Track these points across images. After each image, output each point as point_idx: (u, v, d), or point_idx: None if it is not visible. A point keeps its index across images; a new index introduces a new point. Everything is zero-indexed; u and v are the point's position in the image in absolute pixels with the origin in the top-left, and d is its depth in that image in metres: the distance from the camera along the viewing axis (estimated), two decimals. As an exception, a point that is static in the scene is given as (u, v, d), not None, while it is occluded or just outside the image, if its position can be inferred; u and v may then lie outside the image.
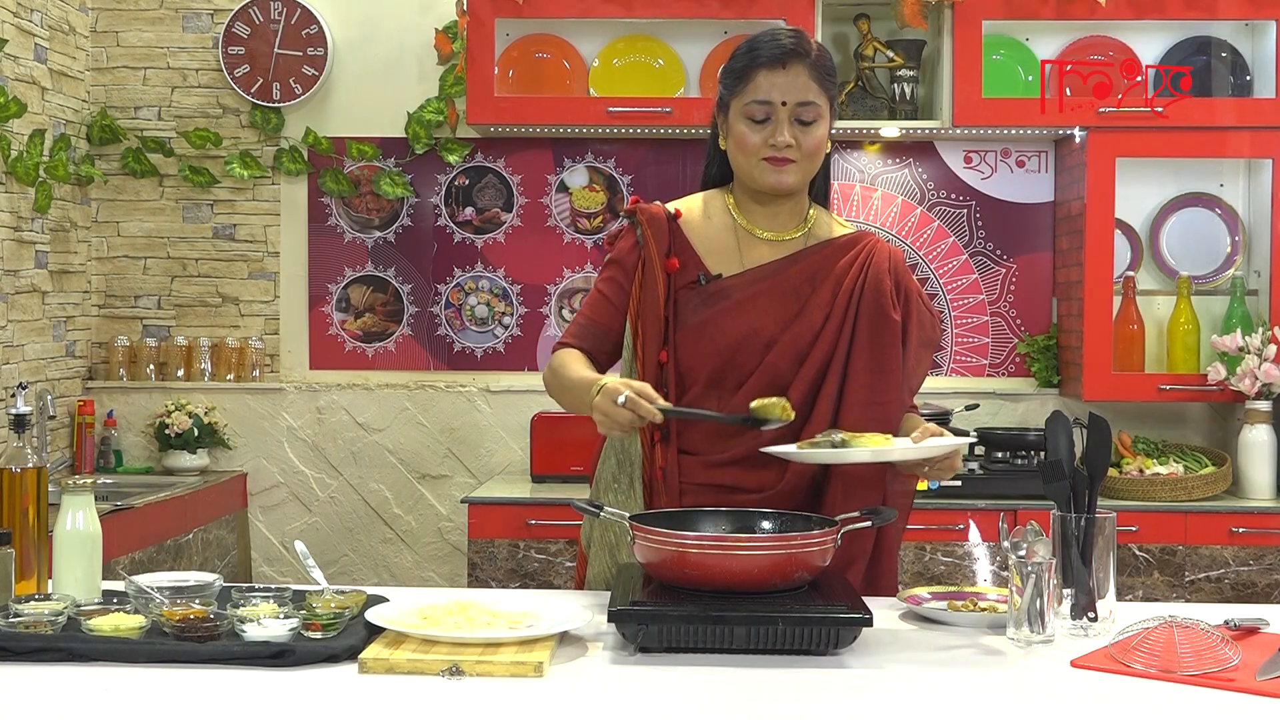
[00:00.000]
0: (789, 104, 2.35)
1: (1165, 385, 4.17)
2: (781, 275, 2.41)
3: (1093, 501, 2.13)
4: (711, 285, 2.40)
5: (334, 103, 4.60)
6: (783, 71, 2.35)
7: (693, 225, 2.46)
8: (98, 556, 2.19)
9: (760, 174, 2.38)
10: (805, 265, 2.41)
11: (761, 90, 2.35)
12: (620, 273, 2.46)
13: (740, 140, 2.38)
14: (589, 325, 2.48)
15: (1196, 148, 4.21)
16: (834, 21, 4.41)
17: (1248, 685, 1.79)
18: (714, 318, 2.38)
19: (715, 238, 2.44)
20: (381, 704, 1.71)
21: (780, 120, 2.35)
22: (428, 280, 4.61)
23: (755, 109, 2.36)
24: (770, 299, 2.39)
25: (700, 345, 2.39)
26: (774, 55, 2.35)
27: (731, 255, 2.43)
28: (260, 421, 4.60)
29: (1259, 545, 3.92)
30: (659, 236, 2.43)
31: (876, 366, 2.37)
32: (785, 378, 2.36)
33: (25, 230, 4.20)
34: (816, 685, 1.81)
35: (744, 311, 2.38)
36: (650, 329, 2.40)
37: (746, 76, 2.37)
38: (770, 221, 2.44)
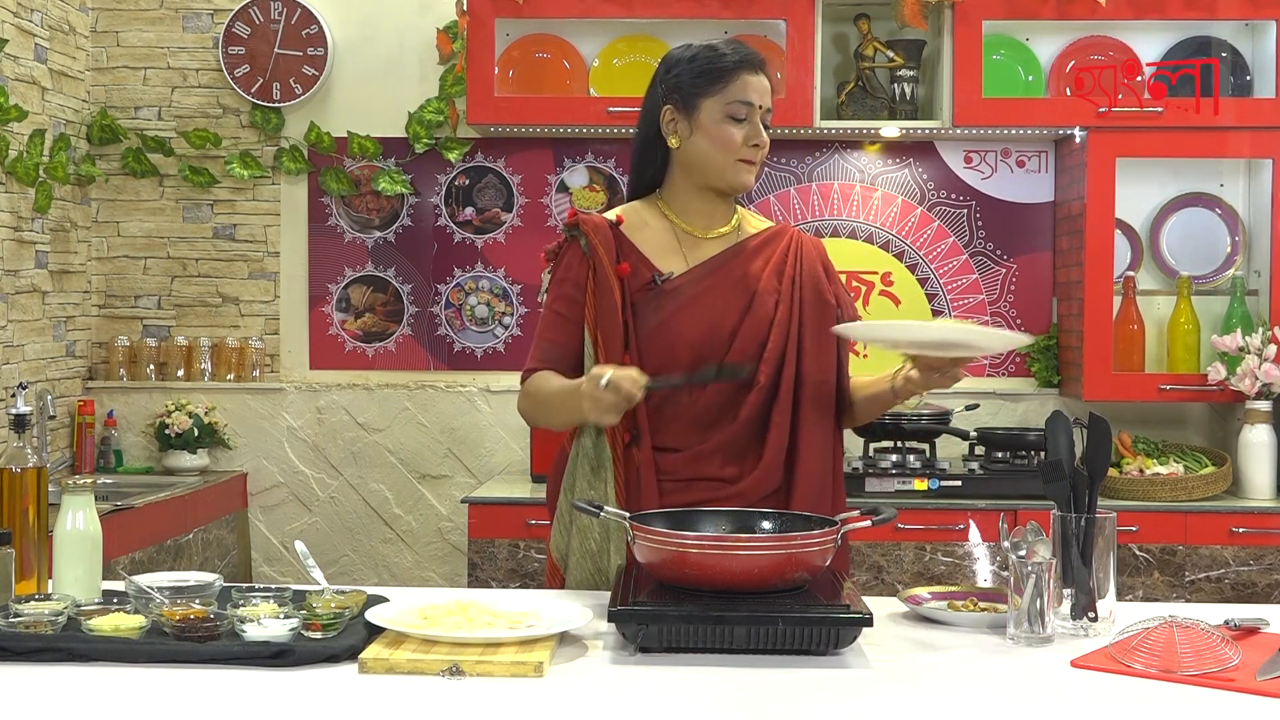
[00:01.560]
0: (762, 107, 2.46)
1: (1165, 385, 4.17)
2: (728, 267, 2.49)
3: (1093, 501, 2.13)
4: (667, 284, 2.45)
5: (334, 103, 4.60)
6: (757, 75, 2.47)
7: (634, 230, 2.51)
8: (98, 556, 2.19)
9: (734, 174, 2.46)
10: (748, 255, 2.51)
11: (743, 91, 2.44)
12: (571, 288, 2.49)
13: (723, 138, 2.44)
14: (550, 346, 2.51)
15: (1196, 148, 4.21)
16: (834, 21, 4.41)
17: (1248, 685, 1.79)
18: (674, 316, 2.44)
19: (657, 240, 2.50)
20: (381, 704, 1.71)
21: (756, 121, 2.46)
22: (428, 280, 4.61)
23: (738, 108, 2.44)
24: (723, 291, 2.47)
25: (666, 345, 2.43)
26: (752, 60, 2.46)
27: (675, 255, 2.49)
28: (260, 421, 4.60)
29: (1259, 545, 3.92)
30: (606, 244, 2.47)
31: (821, 347, 2.49)
32: (751, 362, 2.45)
33: (25, 230, 4.20)
34: (816, 685, 1.81)
35: (702, 306, 2.45)
36: (610, 335, 2.43)
37: (729, 77, 2.44)
38: (707, 221, 2.53)
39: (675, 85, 2.49)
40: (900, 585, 3.86)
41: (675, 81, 2.49)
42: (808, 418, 2.46)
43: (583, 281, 2.47)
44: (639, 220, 2.53)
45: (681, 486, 2.41)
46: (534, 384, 2.50)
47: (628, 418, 2.38)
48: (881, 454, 4.16)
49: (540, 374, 2.50)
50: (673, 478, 2.42)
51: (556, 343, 2.50)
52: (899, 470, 4.07)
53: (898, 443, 4.15)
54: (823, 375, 2.49)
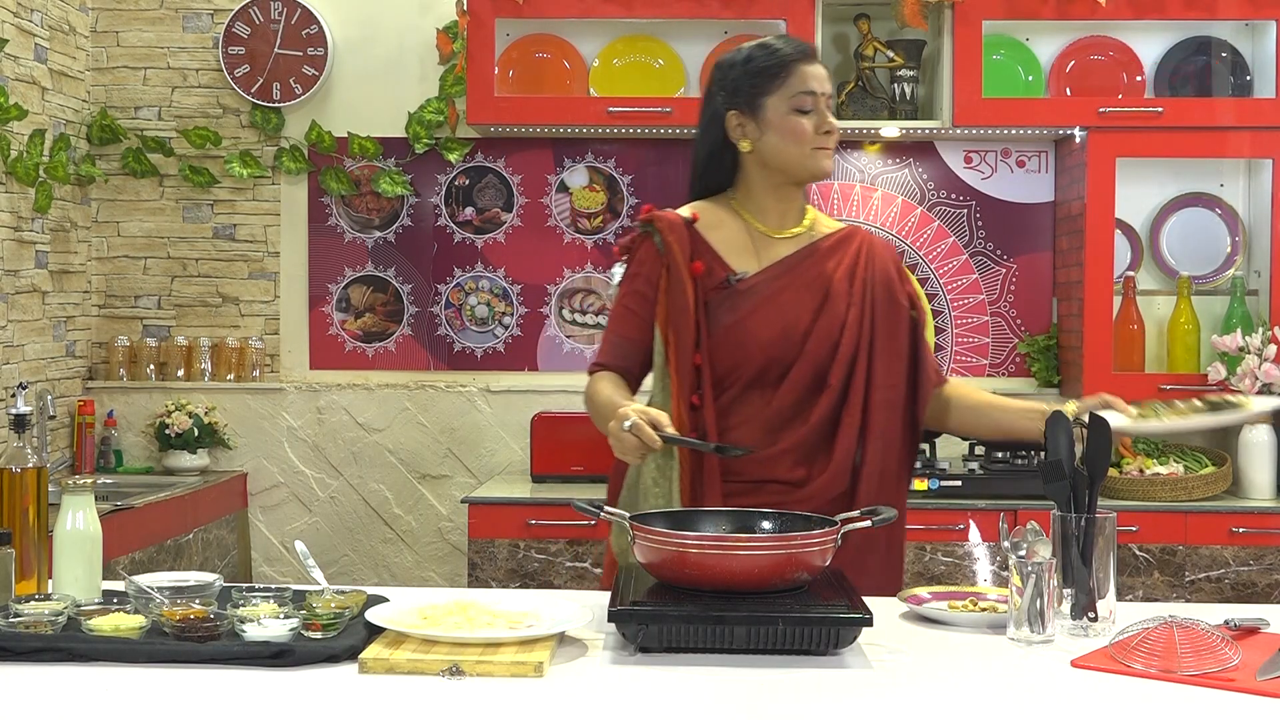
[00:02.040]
0: (825, 95, 2.48)
1: (1165, 385, 4.17)
2: (802, 267, 2.49)
3: (1093, 501, 2.12)
4: (741, 284, 2.45)
5: (334, 103, 4.60)
6: (814, 65, 2.49)
7: (709, 229, 2.51)
8: (98, 556, 2.19)
9: (814, 162, 2.48)
10: (821, 256, 2.51)
11: (805, 82, 2.47)
12: (644, 284, 2.49)
13: (795, 131, 2.46)
14: (620, 342, 2.51)
15: (1196, 148, 4.21)
16: (834, 21, 4.41)
17: (1248, 685, 1.79)
18: (747, 316, 2.44)
19: (731, 240, 2.50)
20: (381, 704, 1.71)
21: (823, 109, 2.48)
22: (428, 280, 4.61)
23: (804, 99, 2.47)
24: (797, 291, 2.47)
25: (738, 346, 2.43)
26: (804, 51, 2.49)
27: (749, 254, 2.50)
28: (260, 421, 4.60)
29: (1259, 545, 3.92)
30: (681, 242, 2.47)
31: (893, 351, 2.49)
32: (824, 364, 2.45)
33: (25, 230, 4.20)
34: (816, 685, 1.81)
35: (776, 306, 2.45)
36: (682, 334, 2.43)
37: (788, 71, 2.47)
38: (780, 220, 2.53)
39: (735, 89, 2.49)
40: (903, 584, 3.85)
41: (734, 86, 2.49)
42: (876, 420, 2.45)
43: (655, 278, 2.47)
44: (713, 219, 2.52)
45: (749, 488, 2.42)
46: (592, 386, 2.48)
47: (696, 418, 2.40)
48: (881, 454, 4.15)
49: (600, 376, 2.48)
50: (740, 479, 2.42)
51: (627, 339, 2.50)
52: (899, 470, 4.06)
53: (898, 443, 4.15)
54: (893, 379, 2.48)
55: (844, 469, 2.43)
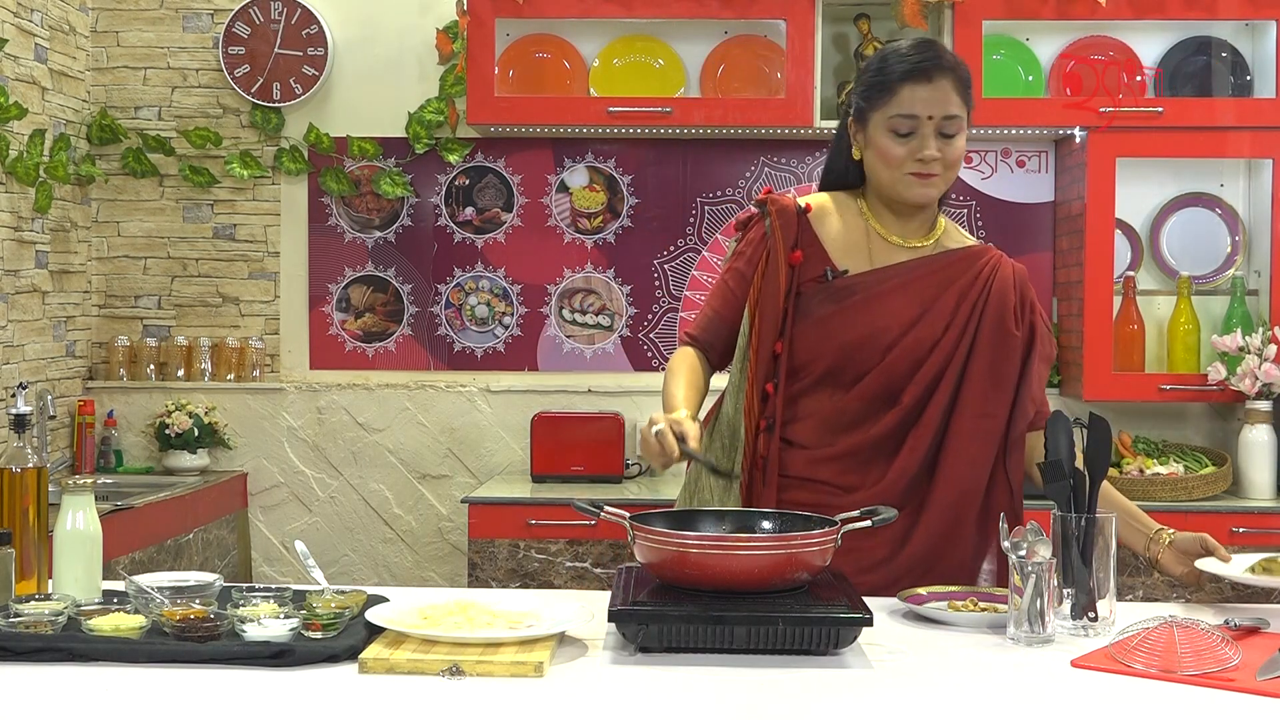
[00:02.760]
0: (935, 118, 2.37)
1: (1165, 385, 4.17)
2: (909, 278, 2.44)
3: (1093, 501, 2.13)
4: (839, 281, 2.43)
5: (334, 103, 4.60)
6: (927, 85, 2.36)
7: (823, 221, 2.48)
8: (98, 556, 2.19)
9: (905, 187, 2.41)
10: (933, 271, 2.45)
11: (905, 104, 2.37)
12: (744, 263, 2.49)
13: (885, 153, 2.40)
14: (712, 317, 2.52)
15: (1196, 148, 4.21)
16: (834, 21, 4.41)
17: (1248, 685, 1.79)
18: (839, 313, 2.41)
19: (846, 236, 2.47)
20: (381, 704, 1.71)
21: (925, 134, 2.37)
22: (428, 280, 4.61)
23: (900, 122, 2.38)
24: (896, 300, 2.42)
25: (821, 340, 2.41)
26: (918, 68, 2.37)
27: (861, 254, 2.46)
28: (260, 421, 4.60)
29: (1259, 545, 3.92)
30: (787, 229, 2.45)
31: (993, 379, 2.40)
32: (901, 380, 2.40)
33: (25, 230, 4.20)
34: (816, 685, 1.81)
35: (869, 310, 2.41)
36: (767, 320, 2.42)
37: (890, 89, 2.38)
38: (903, 229, 2.48)
39: (856, 95, 2.46)
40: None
41: (858, 91, 2.46)
42: (958, 446, 2.39)
43: (757, 260, 2.47)
44: (833, 212, 2.49)
45: (798, 484, 2.41)
46: (673, 363, 2.49)
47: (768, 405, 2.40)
48: (881, 454, 4.15)
49: (682, 351, 2.51)
50: (792, 474, 2.42)
51: (718, 314, 2.51)
52: (899, 470, 4.06)
53: (898, 443, 4.14)
54: (989, 409, 2.39)
55: (897, 487, 2.38)
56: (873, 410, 2.41)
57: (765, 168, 4.54)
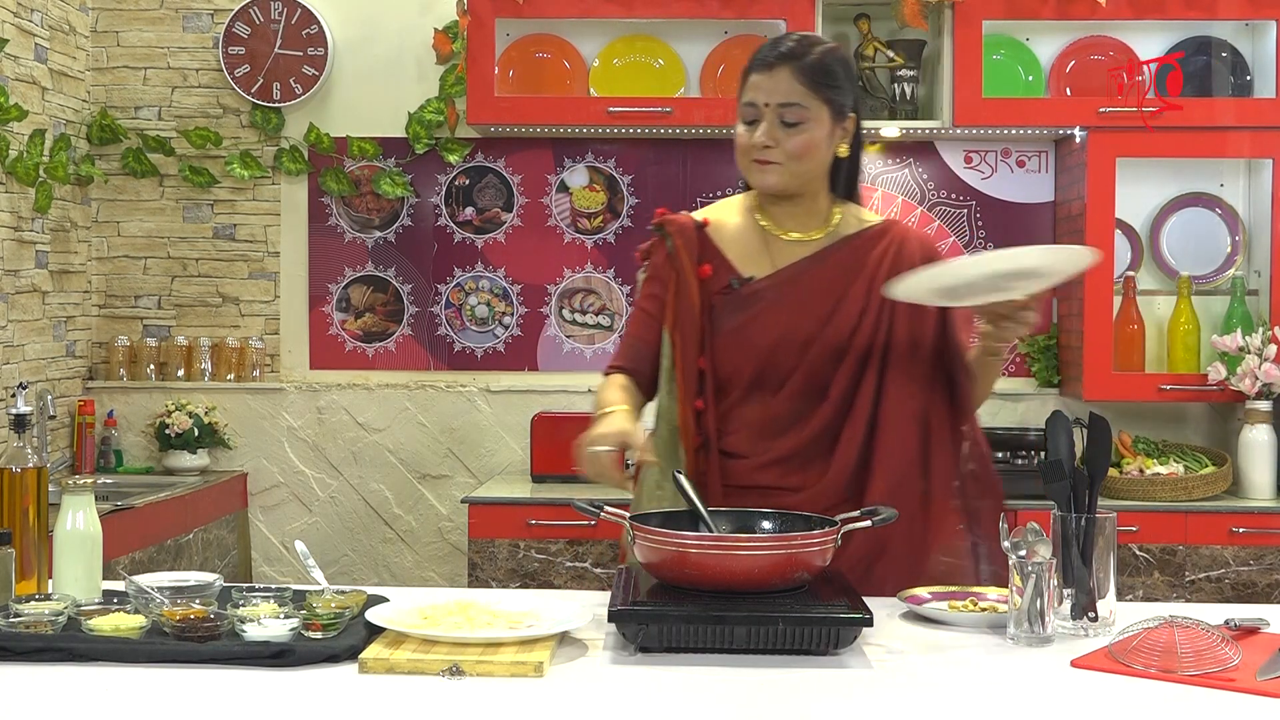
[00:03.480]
0: (772, 105, 2.38)
1: (1165, 385, 4.17)
2: (812, 273, 2.44)
3: (1093, 501, 2.12)
4: (745, 288, 2.43)
5: (334, 103, 4.60)
6: (768, 73, 2.38)
7: (721, 231, 2.49)
8: (98, 556, 2.19)
9: (749, 173, 2.44)
10: (835, 262, 2.45)
11: (749, 92, 2.41)
12: (657, 286, 2.50)
13: (736, 141, 2.43)
14: (634, 342, 2.52)
15: (1196, 148, 4.21)
16: (834, 21, 4.41)
17: (1248, 685, 1.79)
18: (749, 321, 2.42)
19: (743, 242, 2.48)
20: (381, 704, 1.71)
21: (765, 121, 2.38)
22: (428, 280, 4.61)
23: (745, 110, 2.41)
24: (804, 298, 2.42)
25: (738, 349, 2.42)
26: (764, 59, 2.40)
27: (761, 258, 2.46)
28: (260, 421, 4.61)
29: (1259, 545, 3.92)
30: (689, 245, 2.46)
31: (913, 355, 2.41)
32: (825, 375, 2.40)
33: (25, 230, 4.20)
34: (816, 685, 1.81)
35: (779, 312, 2.42)
36: (688, 337, 2.43)
37: (744, 79, 2.43)
38: (794, 222, 2.47)
39: None
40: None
41: None
42: (889, 430, 2.39)
43: (667, 281, 2.47)
44: (729, 220, 2.51)
45: (741, 492, 2.41)
46: (600, 390, 2.48)
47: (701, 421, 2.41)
48: (881, 454, 4.15)
49: (610, 379, 2.49)
50: (737, 483, 2.42)
51: (640, 339, 2.50)
52: (899, 470, 4.06)
53: (898, 443, 4.15)
54: (913, 387, 2.40)
55: (839, 483, 2.39)
56: (803, 409, 2.41)
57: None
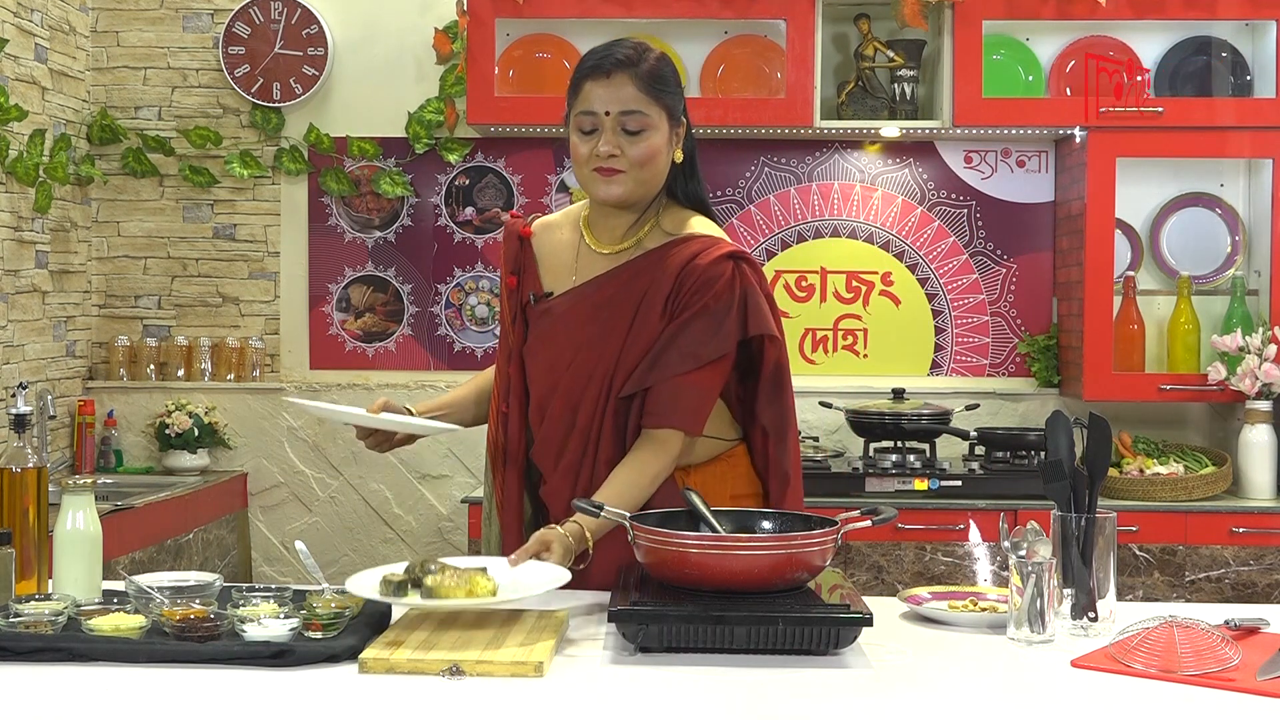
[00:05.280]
0: (612, 113, 2.31)
1: (1165, 385, 4.17)
2: (593, 294, 2.39)
3: (1093, 501, 2.12)
4: (540, 304, 2.44)
5: (334, 102, 4.60)
6: (606, 81, 2.31)
7: (542, 243, 2.49)
8: (98, 556, 2.19)
9: (591, 185, 2.36)
10: (617, 280, 2.37)
11: (585, 101, 2.33)
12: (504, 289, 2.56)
13: (572, 151, 2.37)
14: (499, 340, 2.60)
15: (1196, 148, 4.21)
16: (834, 21, 4.41)
17: (1248, 685, 1.79)
18: (535, 339, 2.44)
19: (557, 255, 2.46)
20: (381, 704, 1.71)
21: (605, 130, 2.32)
22: (428, 280, 4.61)
23: (583, 120, 2.34)
24: (576, 321, 2.39)
25: (532, 364, 2.45)
26: (598, 66, 2.33)
27: (567, 272, 2.44)
28: (260, 421, 4.60)
29: (1259, 545, 3.92)
30: (509, 254, 2.49)
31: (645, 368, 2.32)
32: (576, 398, 2.37)
33: (25, 230, 4.20)
34: (816, 685, 1.81)
35: (555, 333, 2.41)
36: (502, 343, 2.50)
37: (576, 88, 2.36)
38: (610, 235, 2.42)
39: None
40: (900, 585, 3.85)
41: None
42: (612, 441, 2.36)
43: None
44: (555, 231, 2.50)
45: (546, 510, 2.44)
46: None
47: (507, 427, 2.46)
48: (881, 454, 4.16)
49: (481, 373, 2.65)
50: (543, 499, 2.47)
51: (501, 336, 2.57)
52: (899, 470, 4.07)
53: (898, 443, 4.15)
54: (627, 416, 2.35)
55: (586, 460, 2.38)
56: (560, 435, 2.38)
57: (765, 168, 4.54)
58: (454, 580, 1.94)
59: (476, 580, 1.94)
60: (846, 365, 4.55)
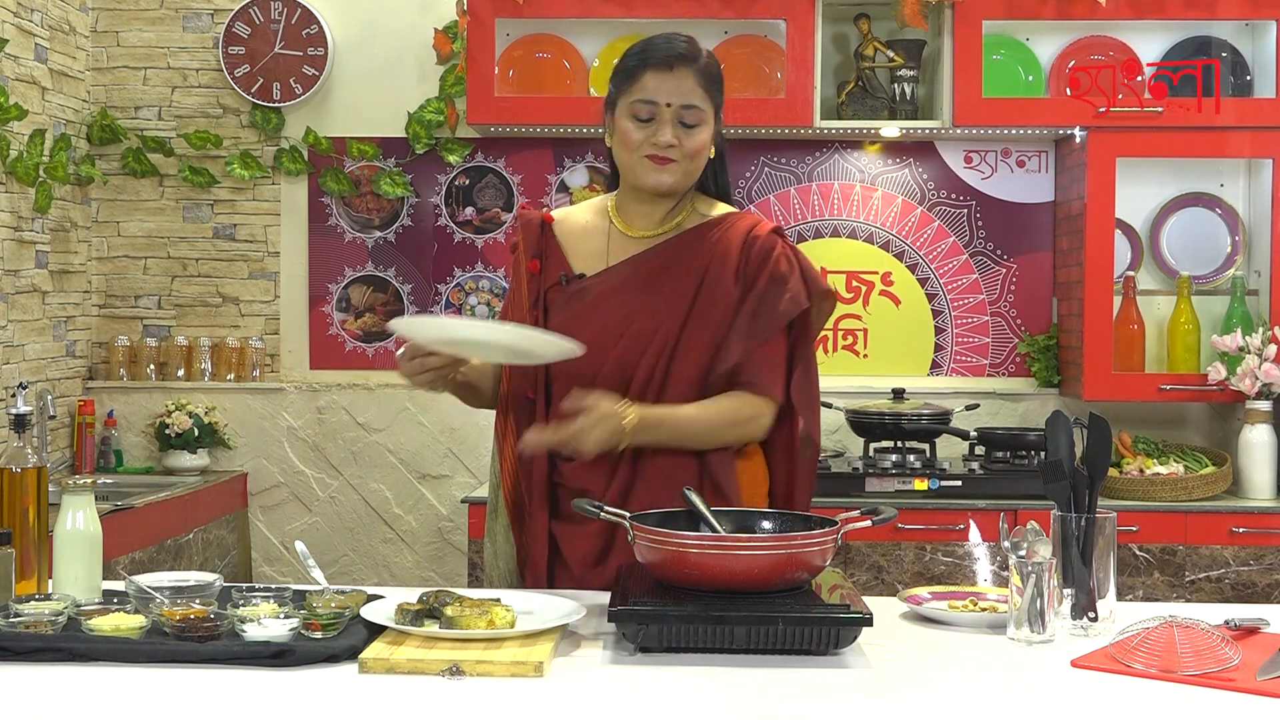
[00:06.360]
0: (673, 105, 2.39)
1: (1165, 385, 4.17)
2: (635, 271, 2.45)
3: (1093, 501, 2.13)
4: (573, 286, 2.46)
5: (334, 103, 4.60)
6: (670, 74, 2.39)
7: (567, 229, 2.52)
8: (98, 556, 2.19)
9: (642, 171, 2.42)
10: (659, 258, 2.45)
11: (646, 90, 2.40)
12: (512, 280, 2.57)
13: (625, 137, 2.43)
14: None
15: (1196, 148, 4.21)
16: (834, 21, 4.41)
17: (1248, 685, 1.79)
18: (571, 319, 2.44)
19: (586, 240, 2.50)
20: (381, 704, 1.71)
21: (664, 121, 2.39)
22: (428, 280, 4.61)
23: (640, 108, 2.41)
24: (620, 297, 2.44)
25: None
26: (663, 58, 2.40)
27: (599, 255, 2.49)
28: (260, 421, 4.61)
29: (1259, 545, 3.92)
30: (529, 240, 2.51)
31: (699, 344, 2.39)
32: (628, 377, 2.40)
33: (25, 230, 4.20)
34: (816, 685, 1.81)
35: (596, 311, 2.44)
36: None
37: (635, 76, 2.42)
38: (644, 221, 2.49)
39: (610, 84, 2.50)
40: (900, 585, 3.86)
41: (610, 80, 2.50)
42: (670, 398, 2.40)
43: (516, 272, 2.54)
44: (579, 219, 2.54)
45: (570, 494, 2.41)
46: None
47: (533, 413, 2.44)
48: (881, 454, 4.16)
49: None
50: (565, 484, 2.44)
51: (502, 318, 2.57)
52: (899, 470, 4.07)
53: (898, 443, 4.15)
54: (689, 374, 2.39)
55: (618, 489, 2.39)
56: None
57: (765, 167, 4.54)
58: (474, 611, 1.94)
59: (495, 610, 1.95)
60: (846, 365, 4.55)
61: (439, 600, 2.00)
